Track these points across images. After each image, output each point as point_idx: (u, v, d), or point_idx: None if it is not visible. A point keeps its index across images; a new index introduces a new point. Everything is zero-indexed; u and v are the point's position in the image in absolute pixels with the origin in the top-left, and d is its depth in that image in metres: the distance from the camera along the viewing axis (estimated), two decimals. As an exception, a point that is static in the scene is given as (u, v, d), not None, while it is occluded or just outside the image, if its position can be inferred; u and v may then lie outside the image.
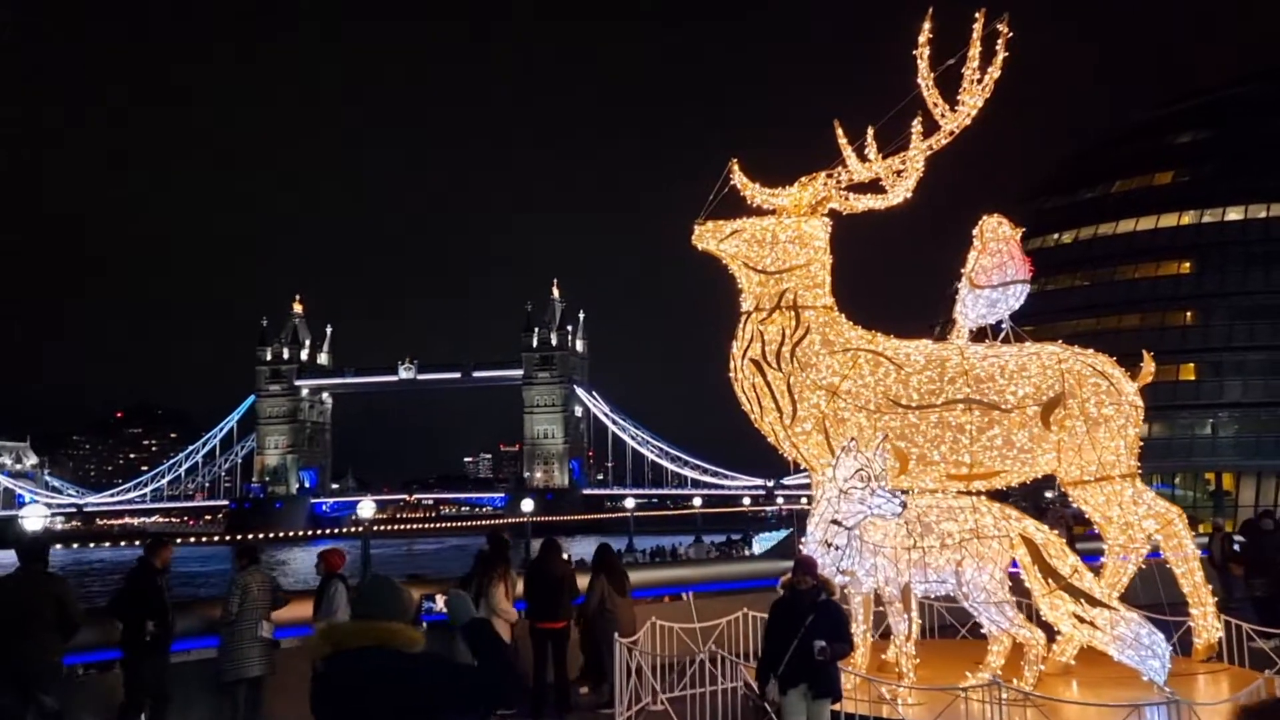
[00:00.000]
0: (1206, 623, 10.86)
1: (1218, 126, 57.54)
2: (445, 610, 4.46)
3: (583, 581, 12.21)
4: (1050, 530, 9.97)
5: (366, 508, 44.19)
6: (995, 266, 11.52)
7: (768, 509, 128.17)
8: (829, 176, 11.24)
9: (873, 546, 9.74)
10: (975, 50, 10.73)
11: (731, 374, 11.39)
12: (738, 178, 11.43)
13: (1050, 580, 9.47)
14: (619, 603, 11.79)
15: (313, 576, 11.74)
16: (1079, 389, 10.66)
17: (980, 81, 10.80)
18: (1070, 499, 11.09)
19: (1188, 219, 54.92)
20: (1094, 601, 9.37)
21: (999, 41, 10.61)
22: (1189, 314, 53.50)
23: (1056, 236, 56.76)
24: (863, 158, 11.12)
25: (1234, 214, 53.69)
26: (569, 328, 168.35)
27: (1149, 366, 11.31)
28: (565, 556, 12.87)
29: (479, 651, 4.24)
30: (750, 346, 11.13)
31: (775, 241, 11.10)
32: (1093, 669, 10.23)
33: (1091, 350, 11.25)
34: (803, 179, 11.32)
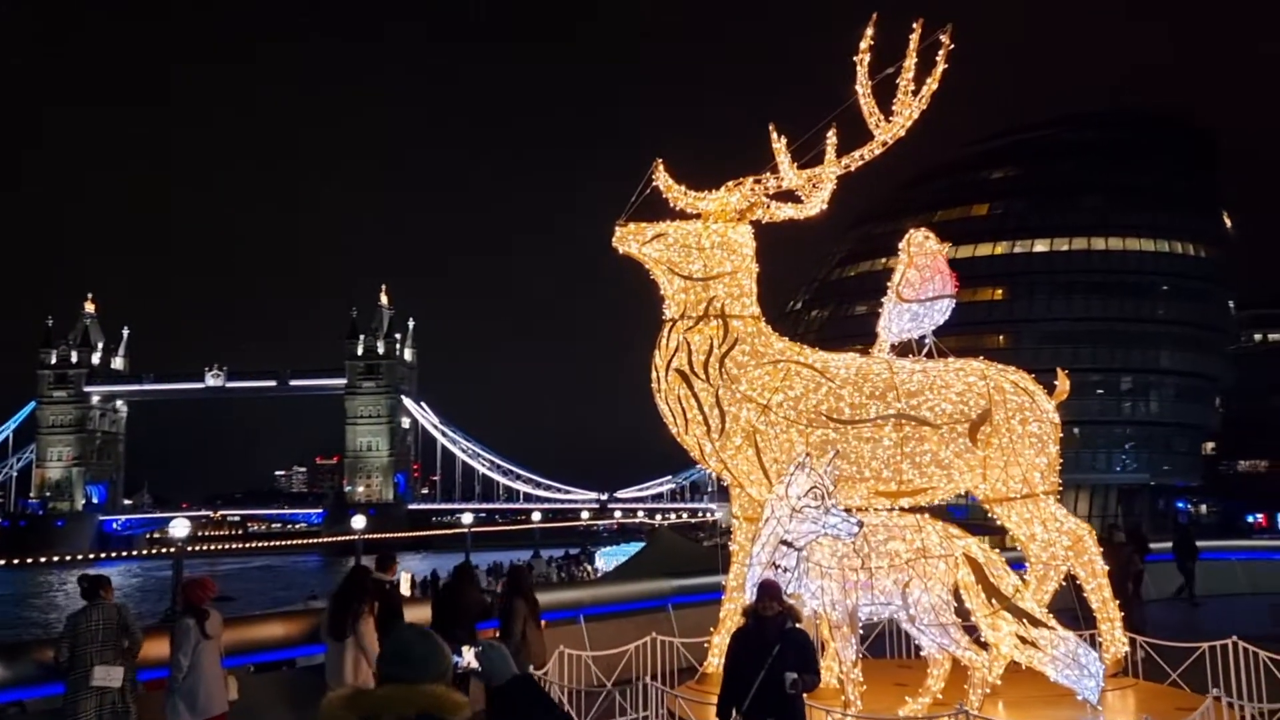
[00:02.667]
0: (1114, 637, 11.08)
1: (1026, 165, 62.59)
2: (478, 666, 3.57)
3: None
4: (991, 549, 9.84)
5: (180, 526, 40.50)
6: (922, 281, 11.47)
7: (600, 523, 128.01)
8: (757, 182, 10.85)
9: (820, 568, 9.30)
10: (911, 61, 10.61)
11: (654, 385, 10.79)
12: (662, 179, 10.87)
13: (994, 600, 9.34)
14: (534, 634, 10.81)
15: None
16: (1004, 405, 10.68)
17: (916, 93, 10.69)
18: (995, 517, 11.06)
19: (1001, 249, 59.26)
20: (1035, 622, 9.29)
21: (940, 53, 10.52)
22: (1002, 337, 57.52)
23: (884, 261, 59.57)
24: (792, 165, 10.79)
25: (1041, 246, 58.38)
26: (397, 335, 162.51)
27: (1064, 385, 11.52)
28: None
29: (526, 716, 3.42)
30: (676, 356, 10.57)
31: (700, 247, 10.60)
32: (1016, 688, 10.15)
33: (1012, 367, 11.34)
34: (729, 183, 10.88)
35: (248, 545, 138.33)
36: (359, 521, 53.36)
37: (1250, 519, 66.29)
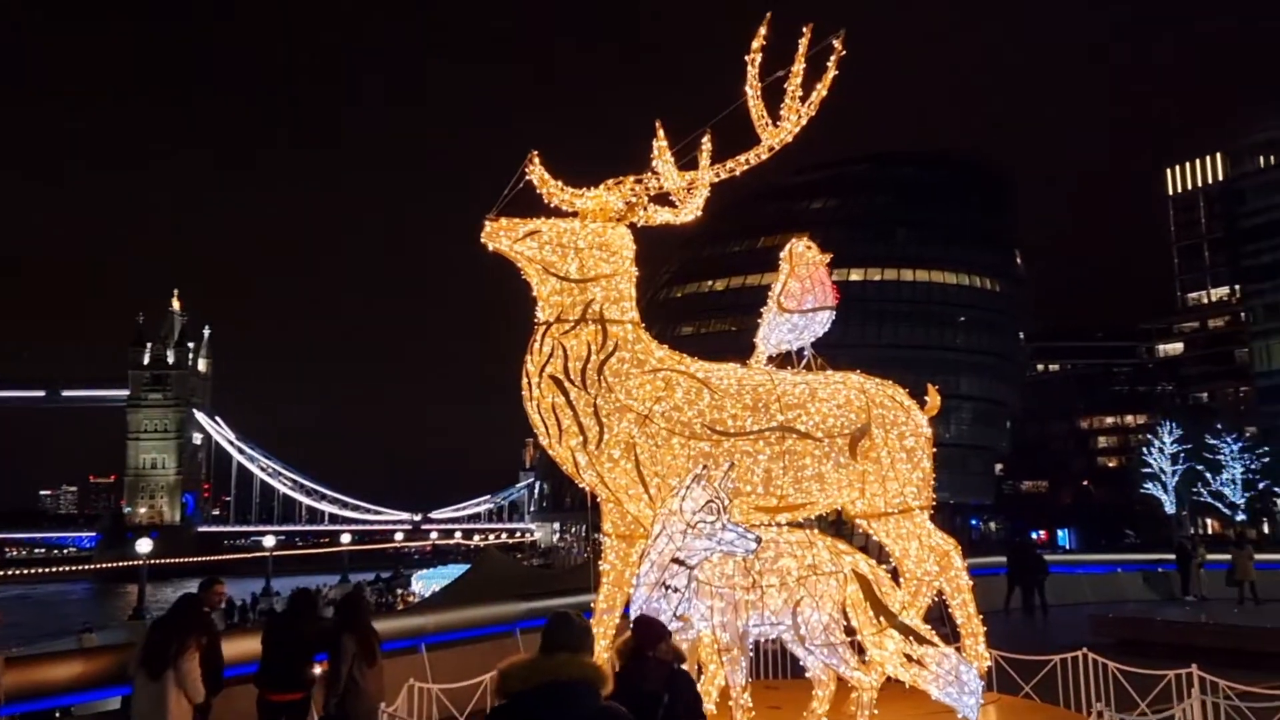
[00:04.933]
0: (977, 651, 11.16)
1: (845, 197, 65.98)
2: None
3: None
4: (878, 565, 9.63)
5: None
6: (803, 291, 11.30)
7: (413, 545, 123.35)
8: (637, 182, 10.32)
9: (711, 588, 8.75)
10: (800, 65, 10.39)
11: (524, 392, 9.97)
12: (536, 173, 10.11)
13: (881, 618, 9.11)
14: (367, 672, 9.53)
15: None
16: (883, 419, 10.60)
17: (805, 99, 10.47)
18: (870, 533, 10.93)
19: (821, 275, 62.04)
20: (921, 639, 9.14)
21: (831, 59, 10.34)
22: (819, 360, 59.97)
23: (710, 283, 61.18)
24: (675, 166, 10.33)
25: (856, 275, 61.42)
26: (190, 345, 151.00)
27: (934, 400, 11.59)
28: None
29: None
30: (550, 362, 9.80)
31: (577, 247, 9.93)
32: (890, 705, 10.02)
33: (890, 380, 11.31)
34: (608, 182, 10.29)
35: (5, 572, 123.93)
36: (144, 545, 48.36)
37: (1033, 535, 72.39)
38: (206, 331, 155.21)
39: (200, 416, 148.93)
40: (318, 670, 9.50)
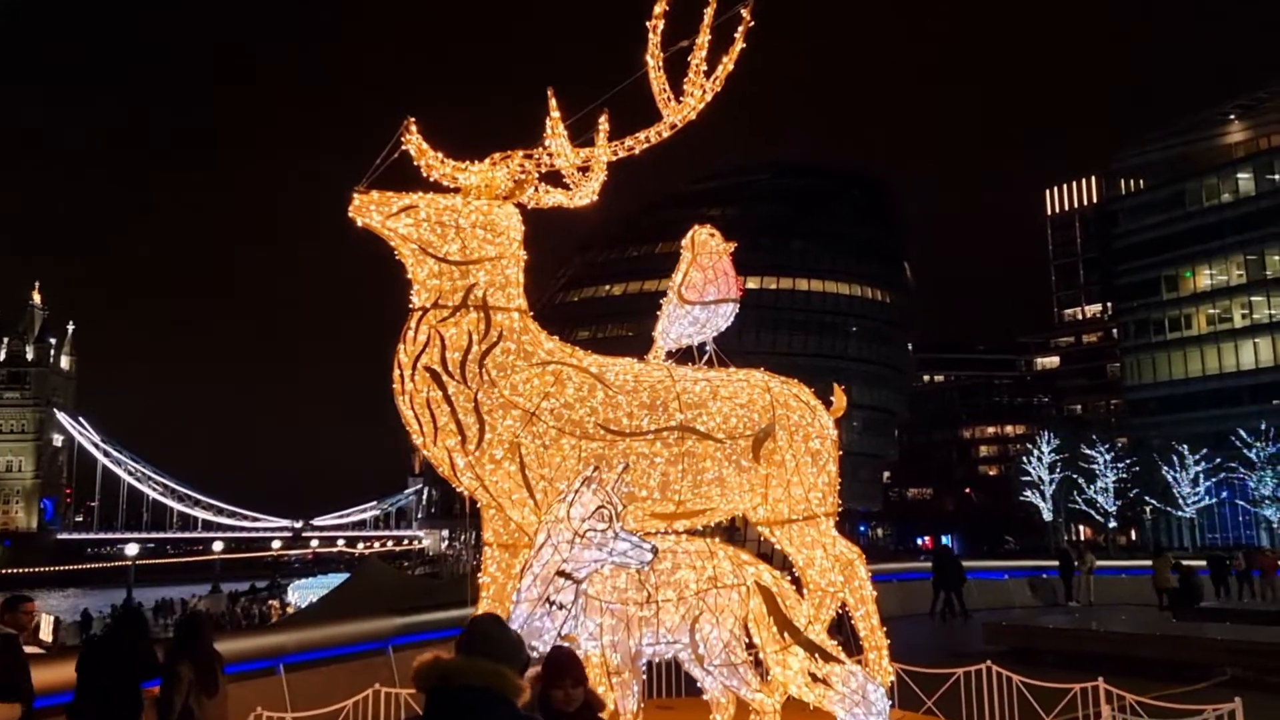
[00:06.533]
0: (880, 665, 10.63)
1: (742, 206, 66.53)
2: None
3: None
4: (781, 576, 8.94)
5: None
6: (705, 282, 10.59)
7: (293, 553, 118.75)
8: (527, 157, 9.40)
9: (601, 604, 7.89)
10: (705, 36, 9.65)
11: (396, 385, 8.92)
12: (414, 143, 9.10)
13: (786, 634, 8.40)
14: (206, 703, 8.29)
15: None
16: (788, 419, 9.95)
17: (710, 74, 9.74)
18: (774, 540, 10.26)
19: (719, 282, 62.39)
20: (828, 657, 8.47)
21: (738, 30, 9.64)
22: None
23: (607, 288, 60.62)
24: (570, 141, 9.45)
25: (753, 283, 61.67)
26: (51, 340, 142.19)
27: (841, 401, 11.02)
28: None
29: None
30: (426, 352, 8.78)
31: (459, 226, 8.95)
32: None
33: (795, 380, 10.68)
34: (495, 155, 9.34)
35: None
36: (-10, 554, 44.61)
37: (919, 540, 74.47)
38: (70, 327, 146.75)
39: (62, 417, 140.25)
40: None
